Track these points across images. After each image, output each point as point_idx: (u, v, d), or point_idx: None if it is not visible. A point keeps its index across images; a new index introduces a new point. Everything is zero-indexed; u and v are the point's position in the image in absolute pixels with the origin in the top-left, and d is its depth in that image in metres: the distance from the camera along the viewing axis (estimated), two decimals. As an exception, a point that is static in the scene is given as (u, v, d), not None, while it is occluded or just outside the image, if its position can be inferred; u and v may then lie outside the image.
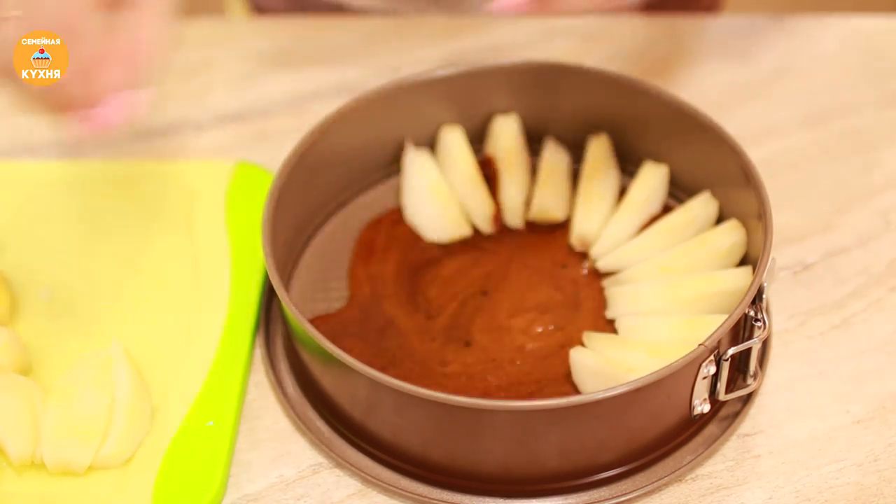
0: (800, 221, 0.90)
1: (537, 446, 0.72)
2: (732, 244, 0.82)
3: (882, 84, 1.01)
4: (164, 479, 0.74)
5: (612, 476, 0.75)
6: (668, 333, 0.78)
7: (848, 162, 0.94)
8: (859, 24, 1.06)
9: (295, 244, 0.87)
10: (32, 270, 0.86)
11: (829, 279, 0.86)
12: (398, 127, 0.90)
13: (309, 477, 0.76)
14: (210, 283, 0.84)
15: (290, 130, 0.97)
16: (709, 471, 0.76)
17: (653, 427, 0.74)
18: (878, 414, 0.78)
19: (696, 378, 0.73)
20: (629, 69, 0.99)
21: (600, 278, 0.84)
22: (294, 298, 0.83)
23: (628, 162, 0.90)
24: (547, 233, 0.87)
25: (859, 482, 0.75)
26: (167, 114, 1.00)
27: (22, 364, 0.79)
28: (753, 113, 0.98)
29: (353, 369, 0.71)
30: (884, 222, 0.89)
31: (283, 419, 0.79)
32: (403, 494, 0.75)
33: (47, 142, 0.98)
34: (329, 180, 0.89)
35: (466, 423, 0.72)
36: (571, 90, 0.89)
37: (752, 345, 0.75)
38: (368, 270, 0.86)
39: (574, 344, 0.80)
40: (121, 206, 0.90)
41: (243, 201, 0.90)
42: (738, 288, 0.79)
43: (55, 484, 0.74)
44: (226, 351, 0.80)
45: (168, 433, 0.76)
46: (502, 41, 1.05)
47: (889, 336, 0.82)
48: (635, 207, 0.87)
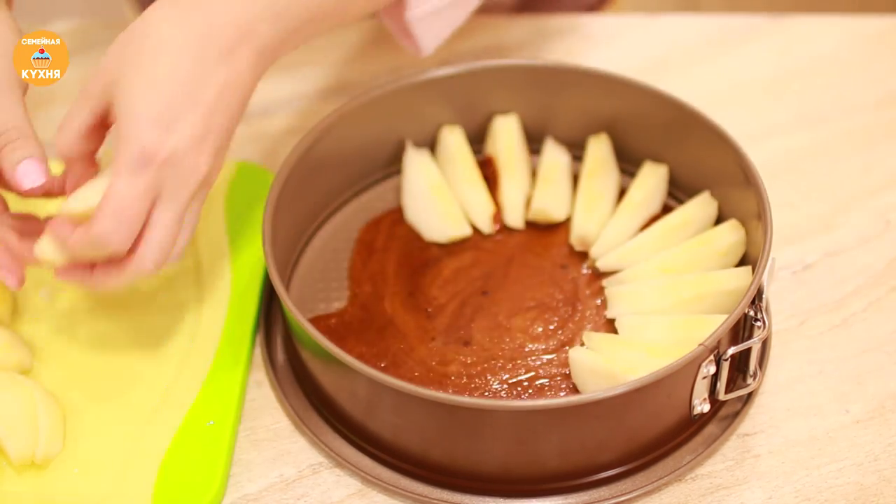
0: (800, 221, 0.90)
1: (537, 446, 0.72)
2: (732, 244, 0.82)
3: (882, 84, 1.01)
4: (164, 479, 0.74)
5: (612, 476, 0.75)
6: (668, 333, 0.78)
7: (848, 162, 0.94)
8: (859, 24, 1.06)
9: (295, 244, 0.87)
10: (32, 270, 0.86)
11: (828, 279, 0.86)
12: (398, 127, 0.90)
13: (309, 477, 0.76)
14: (210, 283, 0.84)
15: (290, 130, 0.97)
16: (709, 470, 0.76)
17: (653, 427, 0.74)
18: (878, 414, 0.78)
19: (696, 378, 0.73)
20: (629, 69, 0.99)
21: (600, 278, 0.84)
22: (294, 298, 0.83)
23: (628, 162, 0.90)
24: (547, 233, 0.87)
25: (859, 482, 0.75)
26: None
27: (22, 364, 0.79)
28: (753, 113, 0.98)
29: (353, 369, 0.71)
30: (884, 222, 0.89)
31: (283, 419, 0.79)
32: (403, 494, 0.75)
33: (47, 142, 0.98)
34: (329, 180, 0.89)
35: (466, 423, 0.72)
36: (571, 90, 0.89)
37: (752, 345, 0.75)
38: (368, 270, 0.86)
39: (574, 344, 0.80)
40: (121, 206, 0.90)
41: (243, 201, 0.90)
42: (738, 288, 0.79)
43: (55, 484, 0.74)
44: (226, 351, 0.80)
45: (168, 433, 0.76)
46: (502, 41, 1.05)
47: (889, 336, 0.82)
48: (635, 207, 0.87)
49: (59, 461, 0.75)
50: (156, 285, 0.85)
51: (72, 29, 1.06)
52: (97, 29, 1.06)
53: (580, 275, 0.85)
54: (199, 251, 0.87)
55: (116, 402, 0.78)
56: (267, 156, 0.94)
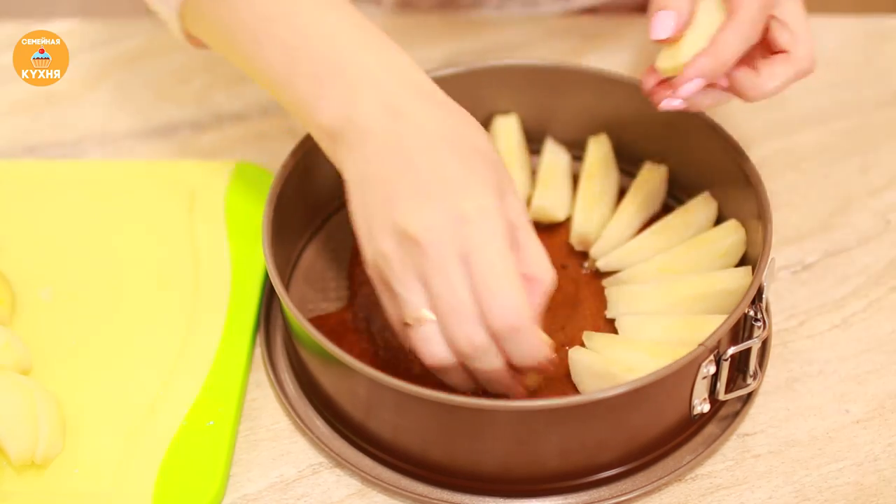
0: (800, 221, 0.90)
1: (537, 446, 0.72)
2: (732, 244, 0.82)
3: (882, 84, 1.01)
4: (164, 479, 0.74)
5: (612, 476, 0.75)
6: (668, 333, 0.78)
7: (848, 162, 0.94)
8: (859, 24, 1.06)
9: (295, 244, 0.87)
10: (32, 270, 0.86)
11: (828, 279, 0.86)
12: (398, 127, 0.90)
13: (309, 477, 0.76)
14: (210, 283, 0.84)
15: (290, 130, 0.97)
16: (708, 470, 0.76)
17: (653, 427, 0.74)
18: (878, 414, 0.78)
19: (696, 378, 0.73)
20: (629, 69, 0.99)
21: (600, 278, 0.84)
22: (294, 298, 0.83)
23: (628, 162, 0.90)
24: (547, 233, 0.87)
25: (859, 482, 0.75)
26: (167, 114, 1.00)
27: (22, 364, 0.79)
28: (753, 113, 0.98)
29: (353, 369, 0.71)
30: (883, 222, 0.89)
31: (283, 419, 0.79)
32: (403, 494, 0.75)
33: (47, 142, 0.98)
34: (329, 180, 0.88)
35: (466, 423, 0.72)
36: (571, 90, 0.89)
37: (752, 345, 0.75)
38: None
39: (574, 344, 0.80)
40: (121, 206, 0.90)
41: (243, 201, 0.90)
42: (737, 288, 0.79)
43: (55, 484, 0.74)
44: (226, 351, 0.80)
45: (168, 433, 0.76)
46: (502, 41, 1.05)
47: (889, 336, 0.82)
48: (635, 207, 0.87)
49: (59, 461, 0.75)
50: (156, 285, 0.85)
51: (72, 29, 1.06)
52: (97, 29, 1.07)
53: (580, 275, 0.85)
54: (199, 251, 0.87)
55: (116, 402, 0.78)
56: (267, 156, 0.94)
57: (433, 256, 0.68)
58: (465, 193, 0.68)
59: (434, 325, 0.69)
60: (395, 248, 0.69)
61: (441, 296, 0.68)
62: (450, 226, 0.68)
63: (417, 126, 0.70)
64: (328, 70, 0.71)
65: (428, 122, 0.70)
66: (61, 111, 1.00)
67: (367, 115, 0.70)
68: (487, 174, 0.70)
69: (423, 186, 0.69)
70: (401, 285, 0.69)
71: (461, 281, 0.68)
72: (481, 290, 0.68)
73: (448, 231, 0.68)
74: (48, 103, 1.00)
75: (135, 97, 1.02)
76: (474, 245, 0.68)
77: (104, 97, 1.02)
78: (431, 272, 0.68)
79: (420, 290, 0.69)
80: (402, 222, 0.68)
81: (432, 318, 0.69)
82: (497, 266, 0.68)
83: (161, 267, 0.86)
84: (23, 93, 1.00)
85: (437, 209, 0.68)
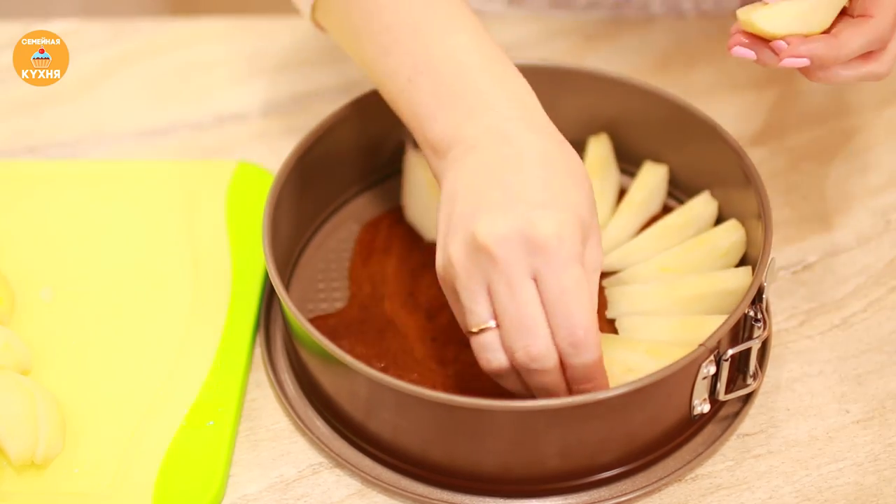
0: (800, 221, 0.90)
1: (537, 446, 0.72)
2: (732, 244, 0.82)
3: (882, 84, 1.00)
4: (164, 480, 0.74)
5: (612, 476, 0.75)
6: (668, 333, 0.78)
7: (848, 162, 0.94)
8: (859, 24, 1.06)
9: (295, 244, 0.87)
10: (32, 270, 0.86)
11: (828, 279, 0.86)
12: (398, 127, 0.90)
13: (309, 477, 0.76)
14: (210, 283, 0.84)
15: (290, 130, 0.97)
16: (709, 471, 0.76)
17: (653, 427, 0.74)
18: (878, 414, 0.78)
19: (696, 378, 0.73)
20: (629, 69, 0.99)
21: (601, 278, 0.84)
22: (294, 298, 0.83)
23: (628, 162, 0.90)
24: (547, 233, 0.87)
25: (859, 482, 0.75)
26: (167, 114, 1.00)
27: (22, 364, 0.79)
28: (753, 113, 0.98)
29: (353, 369, 0.71)
30: (883, 222, 0.89)
31: (283, 419, 0.79)
32: (403, 494, 0.75)
33: (47, 142, 0.98)
34: (329, 180, 0.88)
35: (466, 423, 0.72)
36: (571, 90, 0.89)
37: (752, 345, 0.75)
38: (368, 270, 0.86)
39: (574, 344, 0.80)
40: (121, 206, 0.90)
41: (243, 201, 0.90)
42: (737, 288, 0.79)
43: (55, 484, 0.74)
44: (226, 351, 0.80)
45: (168, 433, 0.76)
46: (502, 41, 1.04)
47: (889, 336, 0.82)
48: (635, 207, 0.87)
49: (59, 461, 0.75)
50: (156, 285, 0.85)
51: (72, 29, 1.06)
52: (97, 29, 1.07)
53: (580, 275, 0.85)
54: (199, 251, 0.87)
55: (116, 402, 0.78)
56: (267, 156, 0.94)
57: (503, 268, 0.68)
58: (545, 212, 0.69)
59: (495, 333, 0.70)
60: (465, 257, 0.70)
61: (506, 309, 0.69)
62: (524, 241, 0.68)
63: (518, 149, 0.71)
64: (448, 91, 0.73)
65: (529, 147, 0.71)
66: (61, 111, 1.00)
67: (476, 137, 0.72)
68: (576, 198, 0.70)
69: (506, 201, 0.69)
70: (467, 293, 0.70)
71: (529, 295, 0.68)
72: (554, 307, 0.68)
73: (521, 246, 0.68)
74: (48, 103, 1.00)
75: (135, 97, 1.02)
76: (549, 269, 0.68)
77: (104, 97, 1.02)
78: (499, 284, 0.69)
79: (485, 300, 0.70)
80: (478, 231, 0.69)
81: (493, 327, 0.70)
82: (571, 288, 0.68)
83: (161, 267, 0.86)
84: (23, 93, 1.00)
85: (513, 222, 0.69)
